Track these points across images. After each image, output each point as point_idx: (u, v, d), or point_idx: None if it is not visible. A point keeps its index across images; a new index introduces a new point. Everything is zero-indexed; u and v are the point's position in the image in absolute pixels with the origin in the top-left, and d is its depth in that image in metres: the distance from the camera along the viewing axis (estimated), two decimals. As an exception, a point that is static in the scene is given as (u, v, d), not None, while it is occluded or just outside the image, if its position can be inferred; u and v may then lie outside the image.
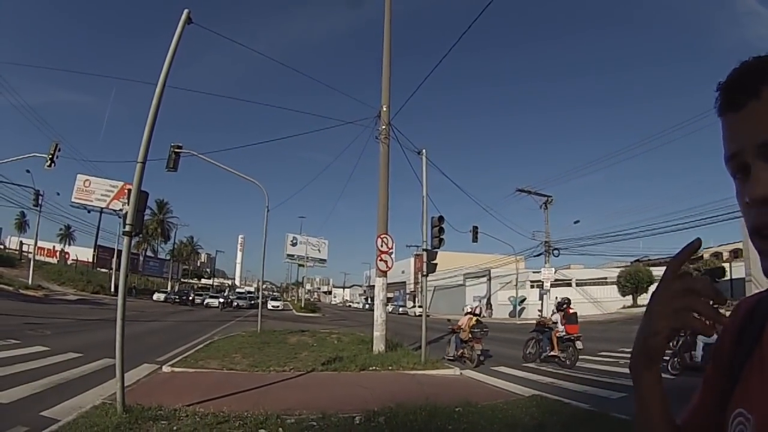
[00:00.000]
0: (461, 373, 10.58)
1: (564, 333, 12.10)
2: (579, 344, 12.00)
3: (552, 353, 12.17)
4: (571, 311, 12.39)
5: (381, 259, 12.89)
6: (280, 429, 4.81)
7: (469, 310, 13.12)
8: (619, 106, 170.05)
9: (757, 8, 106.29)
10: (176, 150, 14.80)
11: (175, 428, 4.96)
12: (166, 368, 9.30)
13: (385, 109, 13.88)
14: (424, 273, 13.03)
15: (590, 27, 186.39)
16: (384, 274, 13.08)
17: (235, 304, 46.51)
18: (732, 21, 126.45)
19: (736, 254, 38.99)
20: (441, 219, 13.22)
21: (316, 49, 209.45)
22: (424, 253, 12.96)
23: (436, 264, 12.88)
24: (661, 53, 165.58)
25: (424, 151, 14.36)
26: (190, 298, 45.65)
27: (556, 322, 12.46)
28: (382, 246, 12.89)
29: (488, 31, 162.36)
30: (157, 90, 6.41)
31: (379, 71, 14.30)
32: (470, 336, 12.21)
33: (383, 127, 13.70)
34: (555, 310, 12.91)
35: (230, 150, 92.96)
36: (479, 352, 12.07)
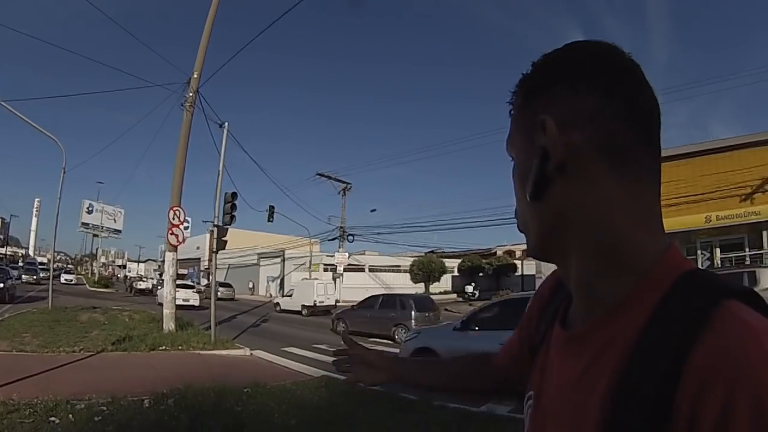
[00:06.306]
0: (251, 354, 10.85)
1: None
2: None
3: None
4: None
5: (172, 233, 12.47)
6: (71, 415, 4.63)
7: None
8: (420, 101, 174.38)
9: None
10: (-23, 94, 11.90)
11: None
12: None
13: (195, 75, 13.37)
14: (214, 249, 12.93)
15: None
16: (175, 248, 12.68)
17: None
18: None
19: (526, 253, 44.30)
20: (234, 195, 13.23)
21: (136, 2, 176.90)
22: (215, 229, 12.88)
23: (226, 241, 12.85)
24: (488, 60, 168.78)
25: (226, 124, 14.44)
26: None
27: None
28: (174, 219, 12.52)
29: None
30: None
31: (200, 35, 13.68)
32: None
33: (190, 94, 13.21)
34: None
35: (30, 100, 74.41)
36: None
